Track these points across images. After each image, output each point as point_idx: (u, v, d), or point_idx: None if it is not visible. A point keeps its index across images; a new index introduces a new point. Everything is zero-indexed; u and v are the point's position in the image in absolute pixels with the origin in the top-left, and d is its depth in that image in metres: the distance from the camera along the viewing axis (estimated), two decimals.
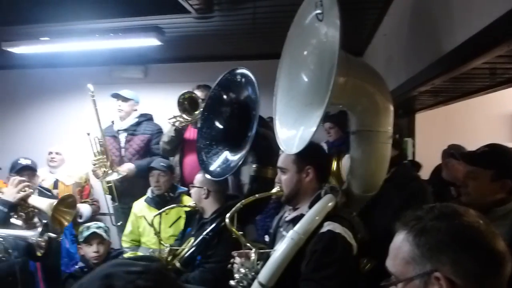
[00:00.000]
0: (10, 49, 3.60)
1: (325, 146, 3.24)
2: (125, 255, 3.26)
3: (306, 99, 1.81)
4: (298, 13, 1.81)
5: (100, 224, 2.90)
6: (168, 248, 2.37)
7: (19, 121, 4.88)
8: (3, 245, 1.84)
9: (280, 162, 1.84)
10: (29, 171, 2.93)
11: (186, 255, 2.31)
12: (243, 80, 2.39)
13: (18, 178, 2.14)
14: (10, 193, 2.05)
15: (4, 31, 3.39)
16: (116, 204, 3.80)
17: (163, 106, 4.11)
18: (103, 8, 2.91)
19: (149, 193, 3.31)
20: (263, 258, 1.73)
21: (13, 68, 4.77)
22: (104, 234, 2.74)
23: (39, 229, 1.81)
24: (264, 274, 1.60)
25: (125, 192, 3.77)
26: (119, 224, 3.79)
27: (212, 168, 2.45)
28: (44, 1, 2.86)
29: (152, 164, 3.31)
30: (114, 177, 3.57)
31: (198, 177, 2.56)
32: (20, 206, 2.04)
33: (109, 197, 3.82)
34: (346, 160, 2.28)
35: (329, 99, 1.49)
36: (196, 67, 4.39)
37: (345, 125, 3.25)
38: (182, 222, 3.20)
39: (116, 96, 3.88)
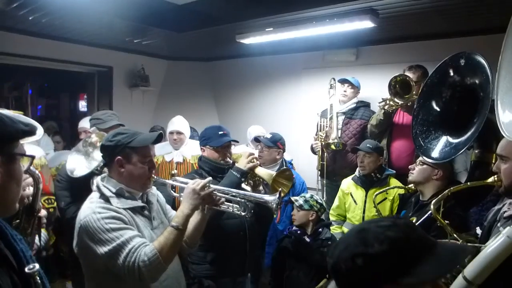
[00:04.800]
0: (242, 41, 4.19)
1: None
2: (331, 228, 3.49)
3: None
4: None
5: (316, 197, 3.19)
6: None
7: (246, 101, 5.66)
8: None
9: (501, 149, 1.63)
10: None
11: None
12: (468, 64, 2.23)
13: (249, 151, 2.56)
14: (242, 163, 2.44)
15: (238, 26, 3.97)
16: (324, 180, 4.07)
17: (374, 88, 4.14)
18: None
19: (357, 173, 3.43)
20: (471, 252, 1.62)
21: (242, 57, 5.52)
22: (316, 206, 3.03)
23: (277, 195, 2.07)
24: (471, 269, 1.46)
25: (335, 171, 4.00)
26: (323, 199, 4.05)
27: (433, 152, 2.40)
28: None
29: (359, 146, 3.40)
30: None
31: None
32: (249, 175, 2.43)
33: (317, 173, 4.12)
34: None
35: None
36: (408, 47, 4.22)
37: None
38: (387, 204, 3.24)
39: (344, 81, 4.11)
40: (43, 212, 2.04)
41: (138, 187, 1.94)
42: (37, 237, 2.11)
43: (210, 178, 2.06)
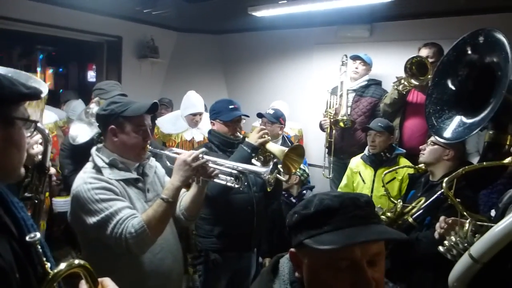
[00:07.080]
0: (254, 13, 4.09)
1: None
2: None
3: None
4: None
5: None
6: (399, 205, 2.42)
7: (256, 76, 5.59)
8: (247, 181, 2.21)
9: None
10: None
11: (418, 213, 2.31)
12: (487, 41, 2.16)
13: (259, 126, 2.53)
14: (253, 138, 2.40)
15: None
16: (332, 158, 4.04)
17: (387, 66, 4.06)
18: None
19: (366, 151, 3.39)
20: (481, 231, 1.57)
21: (254, 30, 5.39)
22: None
23: (270, 167, 2.04)
24: (478, 247, 1.43)
25: (342, 149, 3.98)
26: (330, 176, 4.06)
27: (445, 132, 2.37)
28: None
29: (370, 124, 3.35)
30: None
31: None
32: (260, 150, 2.40)
33: (325, 150, 4.08)
34: None
35: None
36: (424, 24, 4.10)
37: None
38: (396, 184, 3.21)
39: (356, 58, 4.03)
40: (52, 170, 2.04)
41: (132, 157, 1.92)
42: None
43: (204, 149, 2.01)
